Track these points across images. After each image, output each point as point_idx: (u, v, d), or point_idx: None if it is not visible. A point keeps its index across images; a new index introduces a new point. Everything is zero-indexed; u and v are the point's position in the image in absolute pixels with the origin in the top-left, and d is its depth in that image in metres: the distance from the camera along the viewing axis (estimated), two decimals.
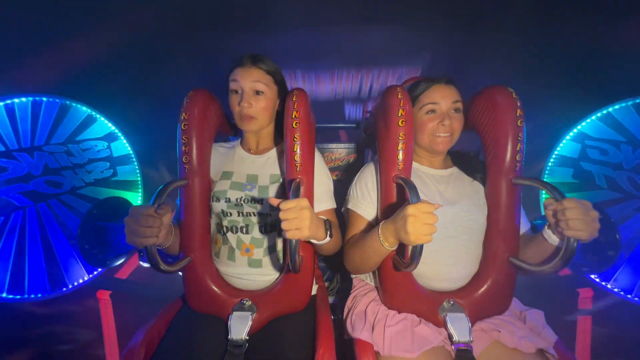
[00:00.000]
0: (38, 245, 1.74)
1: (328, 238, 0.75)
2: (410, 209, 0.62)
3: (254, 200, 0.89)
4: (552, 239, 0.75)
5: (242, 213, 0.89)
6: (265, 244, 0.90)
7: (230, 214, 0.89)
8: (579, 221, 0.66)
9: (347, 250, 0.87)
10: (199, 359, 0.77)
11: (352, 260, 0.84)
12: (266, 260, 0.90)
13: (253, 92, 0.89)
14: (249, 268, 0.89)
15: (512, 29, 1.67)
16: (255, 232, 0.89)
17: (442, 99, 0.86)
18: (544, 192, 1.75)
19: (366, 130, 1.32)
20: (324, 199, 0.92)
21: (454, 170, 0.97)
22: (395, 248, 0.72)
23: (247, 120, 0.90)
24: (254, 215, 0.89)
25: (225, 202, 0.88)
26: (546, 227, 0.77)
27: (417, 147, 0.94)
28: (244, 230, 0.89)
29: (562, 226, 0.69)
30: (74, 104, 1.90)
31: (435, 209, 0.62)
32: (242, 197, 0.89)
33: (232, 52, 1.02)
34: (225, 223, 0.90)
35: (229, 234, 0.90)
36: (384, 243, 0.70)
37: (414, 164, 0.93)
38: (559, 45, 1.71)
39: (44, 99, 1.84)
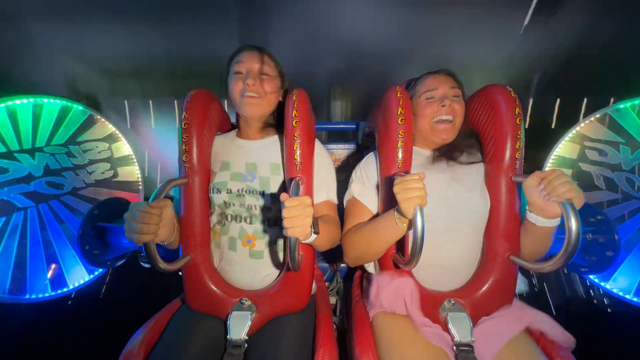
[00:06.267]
0: (39, 245, 1.74)
1: (313, 236, 0.71)
2: (396, 186, 0.66)
3: (255, 191, 0.88)
4: (538, 219, 0.76)
5: (244, 204, 0.88)
6: (268, 237, 0.89)
7: (233, 204, 0.88)
8: (568, 183, 0.67)
9: (350, 237, 0.86)
10: None
11: (357, 246, 0.83)
12: (267, 253, 0.89)
13: (260, 73, 0.88)
14: (250, 259, 0.88)
15: None
16: (258, 224, 0.89)
17: (440, 84, 0.88)
18: None
19: (366, 129, 1.32)
20: (324, 190, 0.91)
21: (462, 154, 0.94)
22: (407, 231, 0.72)
23: (250, 102, 0.87)
24: (256, 208, 0.88)
25: (227, 193, 0.88)
26: (527, 211, 0.78)
27: (420, 136, 0.93)
28: (248, 220, 0.88)
29: (554, 195, 0.68)
30: (75, 106, 1.91)
31: (419, 177, 0.65)
32: (243, 188, 0.88)
33: None
34: (228, 212, 0.89)
35: (232, 223, 0.89)
36: (398, 222, 0.71)
37: (417, 149, 0.94)
38: None
39: (45, 100, 1.85)
